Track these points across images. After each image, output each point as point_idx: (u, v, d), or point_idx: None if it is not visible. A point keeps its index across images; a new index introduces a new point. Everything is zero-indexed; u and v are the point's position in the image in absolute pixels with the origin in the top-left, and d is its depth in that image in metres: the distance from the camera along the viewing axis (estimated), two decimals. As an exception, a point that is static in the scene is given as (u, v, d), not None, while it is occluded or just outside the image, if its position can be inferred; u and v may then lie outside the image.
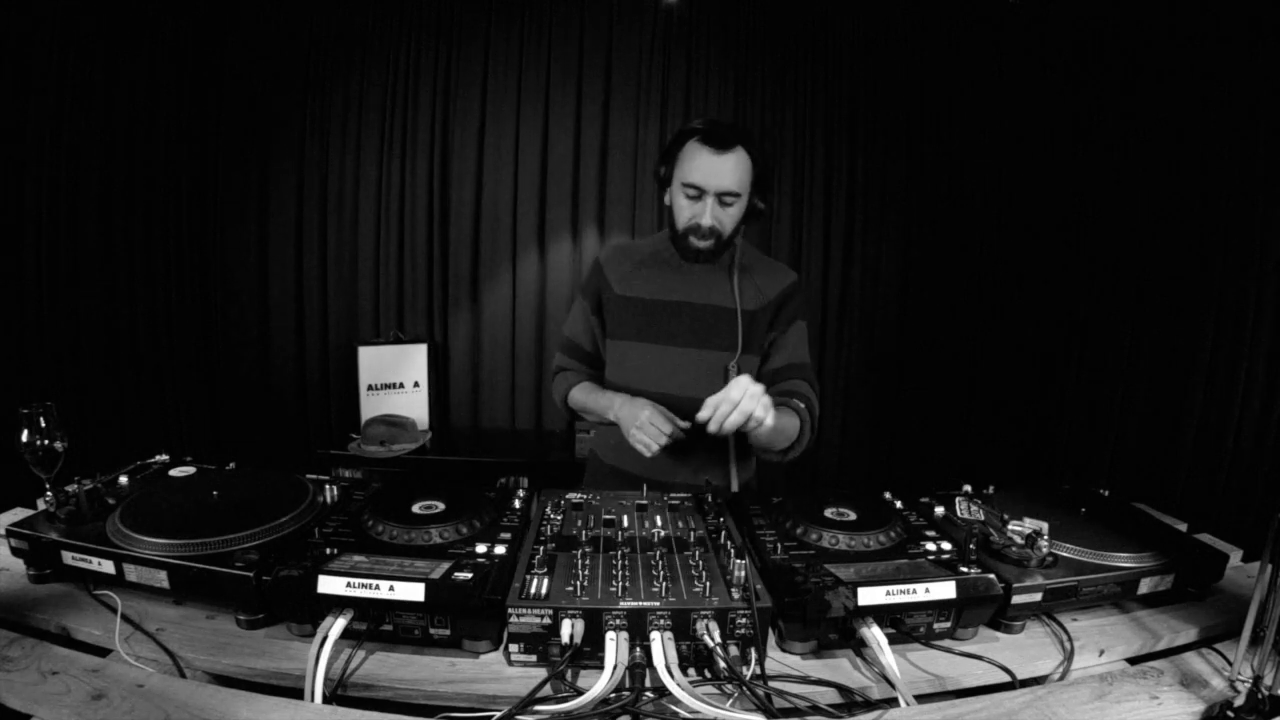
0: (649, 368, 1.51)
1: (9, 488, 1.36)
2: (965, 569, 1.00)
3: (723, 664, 0.86)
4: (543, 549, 1.04)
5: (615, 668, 0.84)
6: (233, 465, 1.39)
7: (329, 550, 0.98)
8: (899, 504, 1.27)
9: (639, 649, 0.88)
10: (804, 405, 1.46)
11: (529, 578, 0.95)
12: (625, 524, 1.16)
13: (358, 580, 0.92)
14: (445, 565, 0.96)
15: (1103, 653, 0.99)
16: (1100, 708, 0.85)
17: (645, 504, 1.25)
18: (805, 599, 0.92)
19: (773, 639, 0.98)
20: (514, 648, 0.91)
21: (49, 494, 1.08)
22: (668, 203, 1.47)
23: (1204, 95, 2.40)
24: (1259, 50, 2.19)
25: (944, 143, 3.36)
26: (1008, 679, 0.92)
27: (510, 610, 0.89)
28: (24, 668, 0.85)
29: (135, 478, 1.26)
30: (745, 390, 1.19)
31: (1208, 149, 2.40)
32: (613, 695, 0.83)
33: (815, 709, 0.85)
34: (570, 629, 0.88)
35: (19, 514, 1.26)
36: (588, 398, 1.58)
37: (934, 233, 3.42)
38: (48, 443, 1.09)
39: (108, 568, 1.00)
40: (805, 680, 0.90)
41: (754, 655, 0.90)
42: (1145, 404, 2.65)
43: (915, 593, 0.95)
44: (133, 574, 0.99)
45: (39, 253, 2.54)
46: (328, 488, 1.22)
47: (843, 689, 0.90)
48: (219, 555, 0.98)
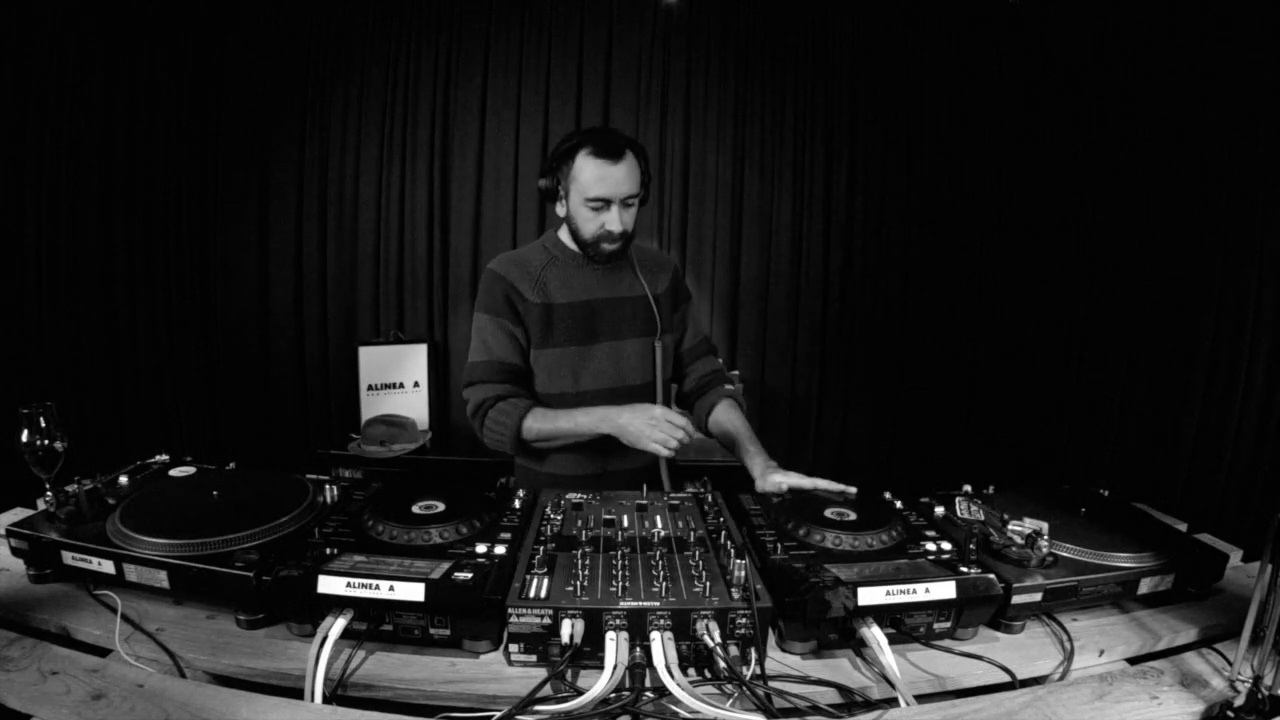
0: (584, 368, 1.55)
1: (9, 488, 1.36)
2: (965, 569, 1.00)
3: (723, 664, 0.86)
4: (543, 549, 1.04)
5: (615, 668, 0.84)
6: (233, 465, 1.39)
7: (329, 550, 0.98)
8: (899, 504, 1.27)
9: (639, 649, 0.88)
10: (732, 387, 1.70)
11: (529, 578, 0.95)
12: (625, 524, 1.16)
13: (358, 580, 0.92)
14: (445, 565, 0.96)
15: (1103, 653, 0.99)
16: (1100, 708, 0.85)
17: (645, 504, 1.25)
18: (805, 599, 0.92)
19: (773, 639, 0.98)
20: (514, 648, 0.90)
21: (49, 494, 1.08)
22: (563, 214, 1.53)
23: (1204, 95, 2.40)
24: (1259, 50, 2.19)
25: (944, 143, 3.36)
26: (1008, 679, 0.92)
27: (510, 610, 0.89)
28: (24, 668, 0.85)
29: (135, 478, 1.25)
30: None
31: (1208, 149, 2.40)
32: (613, 695, 0.83)
33: (815, 709, 0.85)
34: (570, 629, 0.88)
35: (19, 514, 1.26)
36: (551, 423, 1.46)
37: (934, 233, 3.42)
38: (48, 443, 1.09)
39: (108, 568, 0.99)
40: (805, 680, 0.90)
41: (754, 655, 0.90)
42: (1145, 404, 2.65)
43: (915, 593, 0.95)
44: (133, 574, 0.99)
45: (39, 253, 2.54)
46: (328, 488, 1.22)
47: (843, 689, 0.89)
48: (219, 555, 0.98)
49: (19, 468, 1.09)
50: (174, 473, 1.31)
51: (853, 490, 1.30)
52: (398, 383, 3.24)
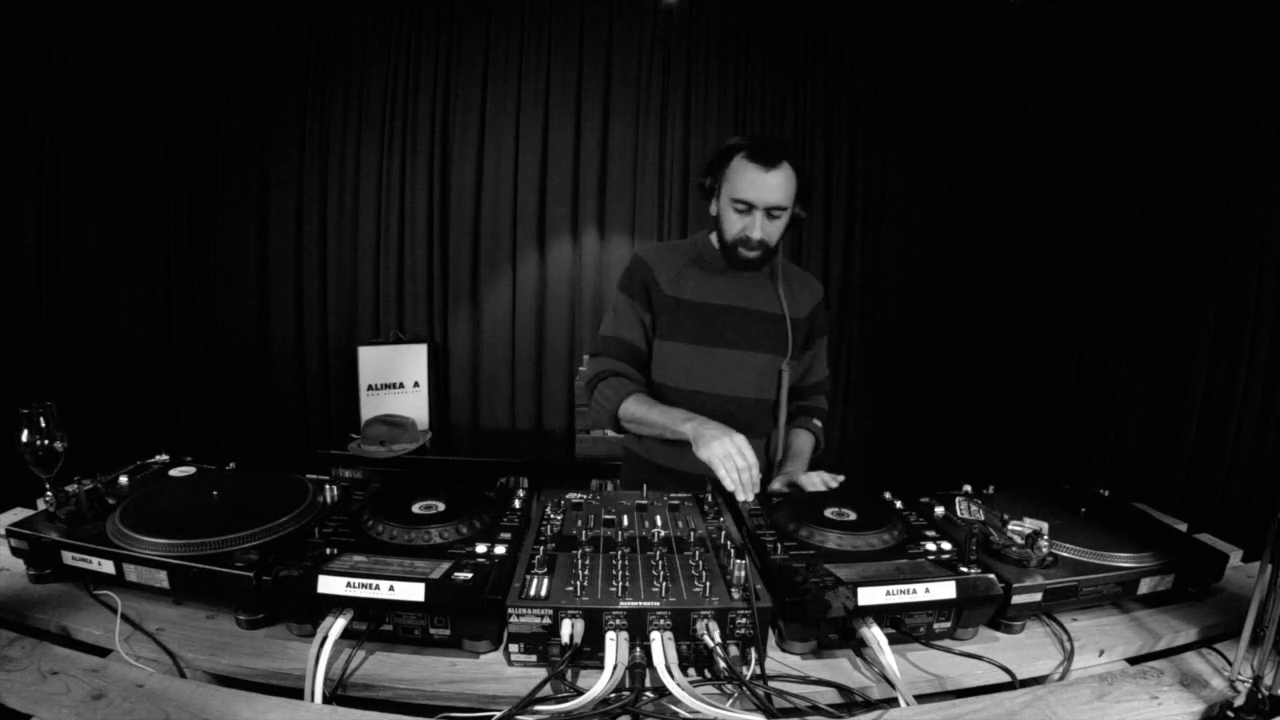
0: (701, 370, 1.53)
1: (9, 488, 1.36)
2: (965, 569, 1.00)
3: (723, 664, 0.86)
4: (543, 549, 1.04)
5: (615, 668, 0.84)
6: (233, 465, 1.39)
7: (329, 550, 0.98)
8: (899, 504, 1.27)
9: (639, 649, 0.88)
10: (819, 424, 1.69)
11: (529, 578, 0.95)
12: (625, 524, 1.16)
13: (358, 580, 0.92)
14: (445, 565, 0.96)
15: (1103, 653, 0.99)
16: (1100, 708, 0.85)
17: (645, 504, 1.25)
18: (805, 599, 0.92)
19: (773, 639, 0.98)
20: (514, 648, 0.91)
21: (49, 494, 1.08)
22: (714, 213, 1.51)
23: (1204, 95, 2.40)
24: (1259, 50, 2.19)
25: (944, 143, 3.36)
26: (1008, 679, 0.92)
27: (510, 610, 0.89)
28: (24, 668, 0.85)
29: (135, 478, 1.26)
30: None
31: (1208, 149, 2.40)
32: (613, 695, 0.83)
33: (815, 709, 0.85)
34: (570, 629, 0.88)
35: (19, 514, 1.25)
36: (647, 411, 1.45)
37: (934, 233, 3.42)
38: (48, 443, 1.09)
39: (108, 568, 0.99)
40: (805, 680, 0.90)
41: (754, 655, 0.90)
42: (1145, 404, 2.65)
43: (915, 593, 0.95)
44: (133, 574, 0.99)
45: (39, 253, 2.54)
46: (328, 488, 1.22)
47: (843, 689, 0.89)
48: (219, 555, 0.98)
49: (19, 468, 1.09)
50: (174, 473, 1.31)
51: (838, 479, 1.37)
52: (398, 383, 3.24)
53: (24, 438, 1.08)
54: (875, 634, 0.93)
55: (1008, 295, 3.35)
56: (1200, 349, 2.39)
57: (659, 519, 1.18)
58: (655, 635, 0.87)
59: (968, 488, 1.29)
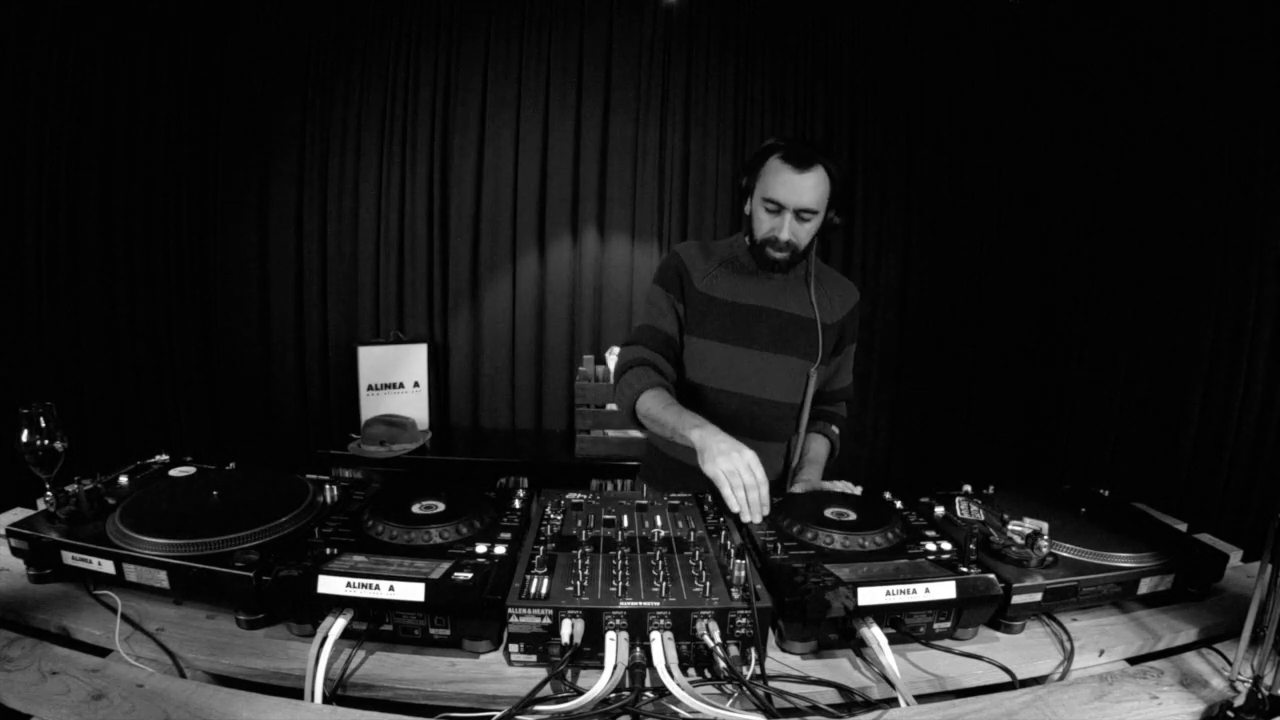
0: (728, 369, 1.53)
1: (9, 488, 1.36)
2: (965, 569, 1.00)
3: (723, 664, 0.86)
4: (543, 549, 1.04)
5: (615, 668, 0.84)
6: (233, 465, 1.39)
7: (329, 550, 0.98)
8: (899, 504, 1.27)
9: (639, 649, 0.88)
10: (837, 430, 1.69)
11: (529, 578, 0.95)
12: (625, 524, 1.16)
13: (358, 580, 0.92)
14: (445, 565, 0.96)
15: (1103, 653, 0.99)
16: (1100, 708, 0.85)
17: (645, 504, 1.25)
18: (805, 599, 0.92)
19: (773, 639, 0.98)
20: (514, 648, 0.91)
21: (49, 494, 1.08)
22: (748, 212, 1.51)
23: (1204, 95, 2.40)
24: (1259, 50, 2.19)
25: (944, 143, 3.36)
26: (1008, 679, 0.92)
27: (510, 610, 0.89)
28: (24, 668, 0.85)
29: (135, 478, 1.26)
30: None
31: (1208, 149, 2.40)
32: (613, 695, 0.83)
33: (815, 709, 0.85)
34: (570, 629, 0.88)
35: (19, 514, 1.26)
36: (662, 410, 1.40)
37: (934, 233, 3.42)
38: (48, 443, 1.09)
39: (108, 568, 1.00)
40: (805, 680, 0.90)
41: (754, 655, 0.90)
42: (1145, 404, 2.65)
43: (915, 593, 0.95)
44: (133, 574, 0.99)
45: (39, 253, 2.53)
46: (328, 488, 1.22)
47: (843, 689, 0.90)
48: (219, 555, 0.98)
49: (19, 468, 1.09)
50: (174, 473, 1.31)
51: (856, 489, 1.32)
52: (398, 383, 3.24)
53: (24, 438, 1.08)
54: (875, 634, 0.93)
55: (1008, 295, 3.35)
56: (1200, 349, 2.39)
57: (659, 519, 1.18)
58: (655, 635, 0.87)
59: (968, 488, 1.29)
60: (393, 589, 0.91)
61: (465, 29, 3.27)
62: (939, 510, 1.22)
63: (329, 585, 0.92)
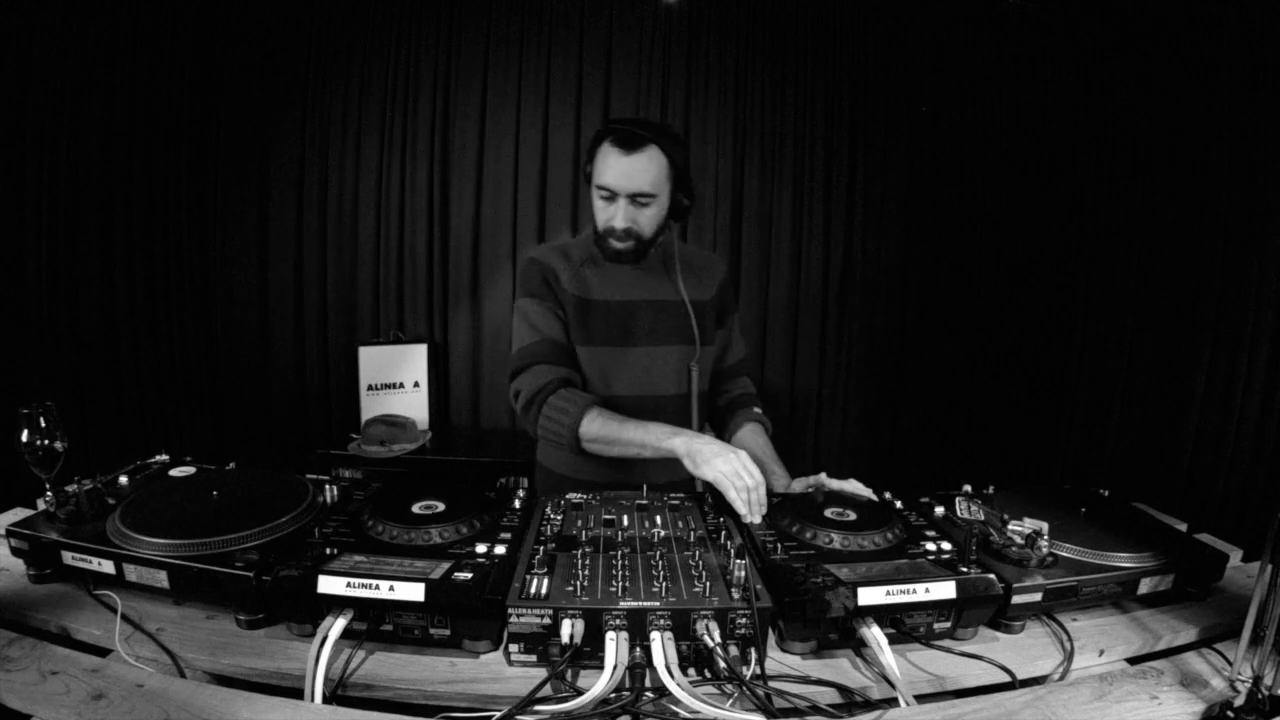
0: (616, 372, 1.47)
1: (9, 488, 1.36)
2: (965, 569, 1.00)
3: (723, 664, 0.86)
4: (543, 549, 1.04)
5: (615, 668, 0.84)
6: (233, 465, 1.39)
7: (329, 550, 0.98)
8: (899, 504, 1.27)
9: (639, 649, 0.88)
10: (759, 410, 1.61)
11: (529, 578, 0.95)
12: (625, 524, 1.16)
13: (358, 580, 0.92)
14: (445, 565, 0.96)
15: (1103, 653, 0.99)
16: (1100, 708, 0.85)
17: (645, 504, 1.25)
18: (805, 599, 0.92)
19: (773, 639, 0.98)
20: (514, 648, 0.91)
21: (49, 494, 1.08)
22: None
23: (1204, 95, 2.40)
24: (1260, 50, 2.19)
25: (944, 142, 3.36)
26: (1008, 679, 0.92)
27: (510, 610, 0.89)
28: (24, 668, 0.85)
29: (135, 478, 1.26)
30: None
31: (1208, 149, 2.40)
32: (613, 695, 0.83)
33: (815, 709, 0.85)
34: (570, 629, 0.88)
35: (19, 514, 1.26)
36: (618, 429, 1.31)
37: (934, 232, 3.42)
38: (48, 443, 1.09)
39: (108, 568, 0.99)
40: (805, 680, 0.90)
41: (754, 655, 0.90)
42: (1145, 404, 2.65)
43: (915, 593, 0.95)
44: (133, 574, 0.99)
45: (39, 253, 2.53)
46: (328, 488, 1.22)
47: (843, 689, 0.90)
48: (219, 555, 0.98)
49: (19, 468, 1.09)
50: (174, 473, 1.31)
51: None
52: (398, 383, 3.24)
53: (24, 438, 1.08)
54: (875, 634, 0.93)
55: (1007, 295, 3.35)
56: (1200, 349, 2.39)
57: (659, 519, 1.18)
58: (655, 635, 0.87)
59: (968, 488, 1.29)
60: (393, 589, 0.91)
61: (465, 29, 3.26)
62: (939, 510, 1.22)
63: (329, 585, 0.91)
